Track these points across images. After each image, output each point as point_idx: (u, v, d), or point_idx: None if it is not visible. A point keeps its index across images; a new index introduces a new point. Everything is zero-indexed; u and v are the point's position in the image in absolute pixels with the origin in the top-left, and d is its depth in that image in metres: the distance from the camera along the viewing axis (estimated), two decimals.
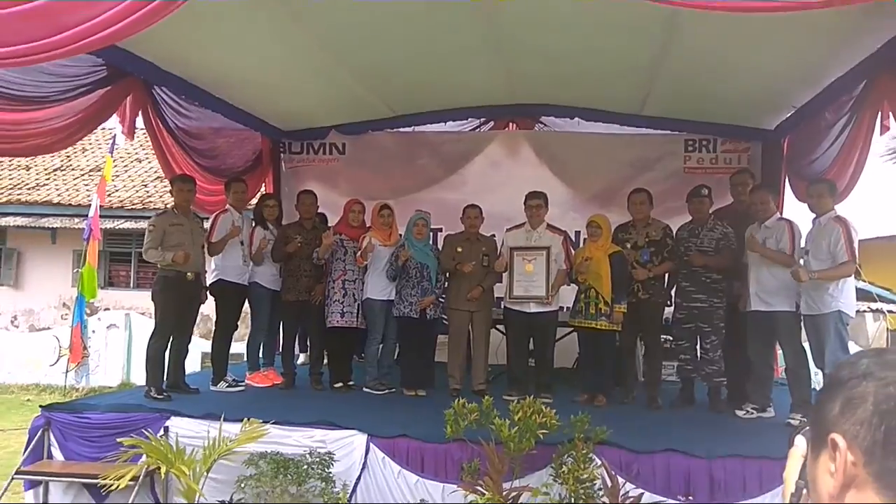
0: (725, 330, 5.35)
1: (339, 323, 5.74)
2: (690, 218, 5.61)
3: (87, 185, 13.57)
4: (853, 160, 5.05)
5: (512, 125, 7.94)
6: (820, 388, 0.85)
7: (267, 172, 7.59)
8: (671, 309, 5.75)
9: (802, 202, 5.49)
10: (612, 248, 5.48)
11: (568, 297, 5.85)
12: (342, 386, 5.79)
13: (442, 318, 5.90)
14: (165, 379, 5.39)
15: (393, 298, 5.72)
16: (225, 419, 4.27)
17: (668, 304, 5.79)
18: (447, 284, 5.85)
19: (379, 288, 5.72)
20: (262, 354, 6.17)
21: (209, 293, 5.79)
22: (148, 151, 14.17)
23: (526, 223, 5.75)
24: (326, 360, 6.05)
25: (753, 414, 5.06)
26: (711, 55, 5.11)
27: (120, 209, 12.66)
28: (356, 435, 4.30)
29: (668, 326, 5.81)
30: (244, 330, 6.43)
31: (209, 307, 5.91)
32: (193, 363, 6.39)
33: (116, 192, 12.98)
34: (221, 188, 6.29)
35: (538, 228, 5.68)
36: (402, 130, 7.73)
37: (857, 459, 0.77)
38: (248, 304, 6.05)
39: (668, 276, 5.68)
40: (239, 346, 6.40)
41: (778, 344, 5.34)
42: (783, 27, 4.07)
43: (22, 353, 11.37)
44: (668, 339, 5.87)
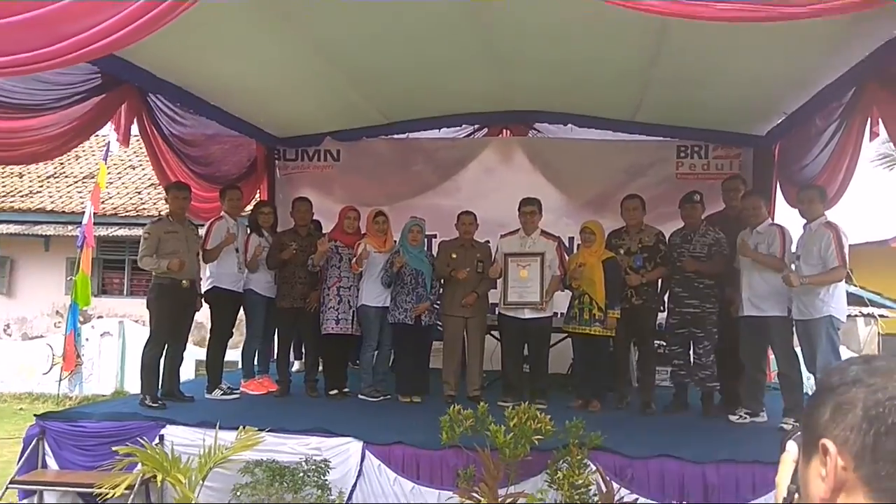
0: (718, 335, 5.39)
1: (334, 330, 5.75)
2: (683, 224, 5.65)
3: (80, 192, 13.53)
4: (843, 166, 5.10)
5: (506, 132, 7.98)
6: (811, 394, 0.87)
7: (262, 179, 7.61)
8: (664, 314, 5.79)
9: (793, 208, 5.54)
10: (605, 253, 5.51)
11: (562, 302, 5.87)
12: (337, 393, 5.80)
13: (437, 324, 5.92)
14: (160, 387, 5.38)
15: (388, 305, 5.73)
16: (220, 427, 4.27)
17: (661, 309, 5.83)
18: (442, 291, 5.87)
19: (374, 294, 5.74)
20: (256, 362, 6.18)
21: (204, 300, 5.79)
22: (142, 158, 14.14)
23: (520, 229, 5.77)
24: (321, 367, 6.05)
25: (746, 419, 5.09)
26: (702, 62, 5.16)
27: (114, 216, 12.63)
28: (352, 442, 4.31)
29: (661, 332, 5.84)
30: (237, 337, 6.43)
31: (202, 315, 5.91)
32: (187, 371, 6.38)
33: (110, 199, 12.94)
34: (216, 195, 6.30)
35: (532, 235, 5.71)
36: (396, 137, 7.75)
37: (847, 464, 0.79)
38: (243, 311, 6.05)
39: (661, 281, 5.72)
40: (233, 353, 6.40)
41: (770, 349, 5.38)
42: (773, 35, 4.11)
43: (15, 361, 11.31)
44: (661, 344, 5.90)
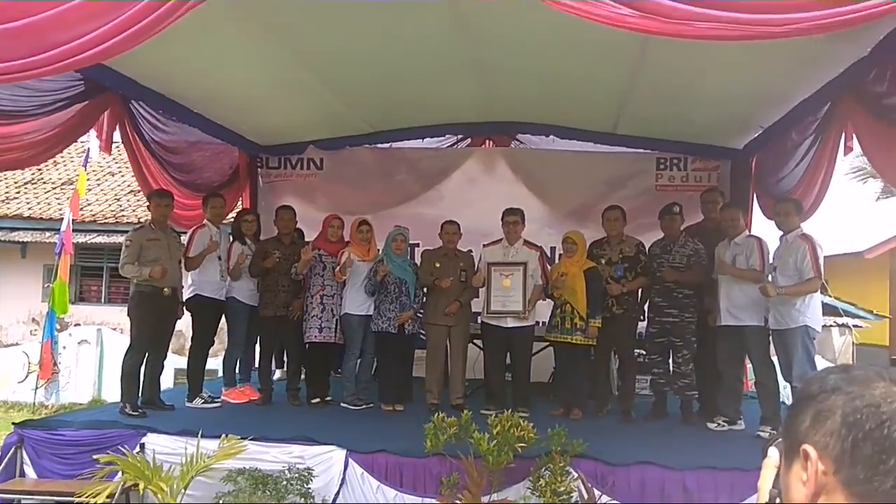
0: (697, 344, 5.47)
1: (317, 338, 5.74)
2: (662, 234, 5.74)
3: (58, 198, 13.37)
4: (819, 179, 5.22)
5: (489, 142, 8.04)
6: (791, 402, 0.91)
7: (244, 187, 7.58)
8: (644, 324, 5.87)
9: (770, 219, 5.66)
10: (587, 263, 5.58)
11: (544, 312, 5.93)
12: (319, 401, 5.79)
13: (420, 333, 5.94)
14: (140, 395, 5.34)
15: (371, 313, 5.74)
16: (202, 435, 4.25)
17: (641, 318, 5.91)
18: (425, 299, 5.89)
19: (357, 303, 5.75)
20: (238, 370, 6.15)
21: (186, 308, 5.76)
22: (121, 165, 14.03)
23: (503, 239, 5.83)
24: (303, 375, 6.04)
25: (724, 426, 5.17)
26: (682, 78, 5.26)
27: (92, 223, 12.49)
28: (335, 450, 4.31)
29: (641, 341, 5.92)
30: (216, 346, 6.39)
31: (181, 323, 5.87)
32: (166, 380, 6.32)
33: (89, 205, 12.80)
34: (198, 203, 6.28)
35: (515, 244, 5.77)
36: (379, 146, 7.78)
37: (826, 468, 0.82)
38: (224, 319, 6.03)
39: (641, 291, 5.80)
40: (212, 362, 6.36)
41: (747, 357, 5.47)
42: (751, 52, 4.21)
43: None
44: (641, 353, 5.97)
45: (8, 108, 4.42)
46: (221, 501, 3.93)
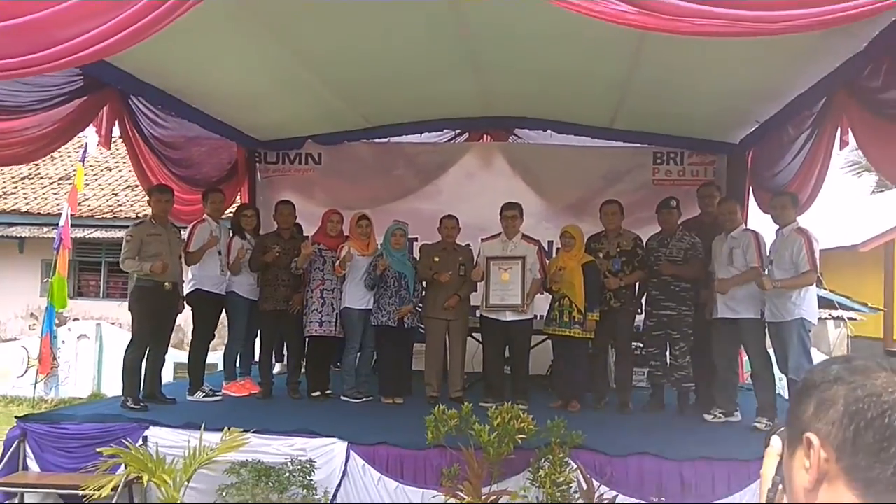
0: (693, 337, 5.53)
1: (317, 332, 5.78)
2: (660, 228, 5.79)
3: (55, 193, 13.37)
4: (815, 173, 5.26)
5: (486, 137, 8.07)
6: (794, 391, 0.94)
7: (242, 182, 7.59)
8: (642, 317, 5.92)
9: (766, 213, 5.69)
10: (584, 257, 5.62)
11: (542, 305, 5.98)
12: (320, 395, 5.83)
13: (419, 326, 5.98)
14: (142, 389, 5.38)
15: (371, 307, 5.78)
16: (204, 428, 4.29)
17: (638, 312, 5.95)
18: (424, 294, 5.93)
19: (357, 297, 5.78)
20: (238, 364, 6.19)
21: (186, 303, 5.80)
22: (118, 160, 14.02)
23: (502, 233, 5.87)
24: (303, 369, 6.08)
25: (721, 418, 5.23)
26: (678, 73, 5.29)
27: (90, 218, 12.50)
28: (336, 443, 4.35)
29: (638, 334, 5.97)
30: (216, 340, 6.41)
31: (180, 317, 5.89)
32: (166, 374, 6.34)
33: (86, 200, 12.80)
34: (197, 198, 6.30)
35: (514, 238, 5.81)
36: (378, 141, 7.80)
37: (829, 456, 0.84)
38: (225, 313, 6.06)
39: (638, 284, 5.84)
40: (212, 356, 6.39)
41: (743, 350, 5.53)
42: (747, 47, 4.24)
43: None
44: (638, 346, 6.02)
45: (7, 103, 4.43)
46: (225, 493, 3.97)
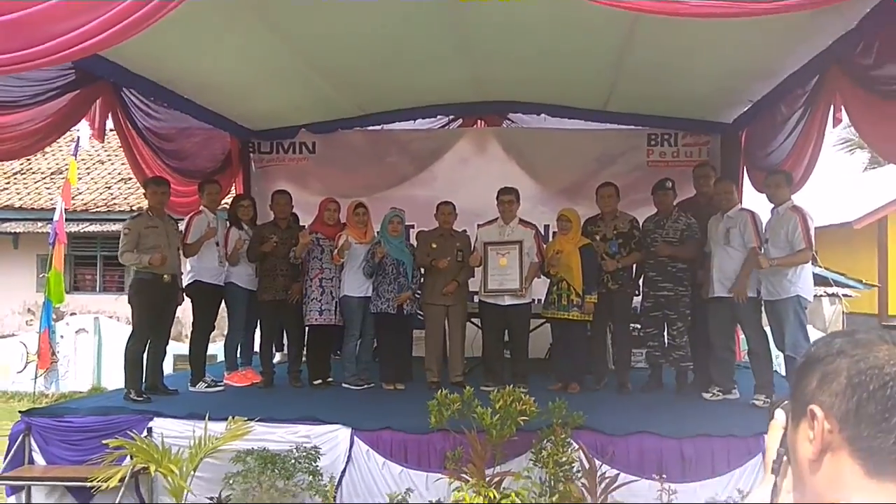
0: (691, 317, 5.57)
1: (317, 321, 5.81)
2: (655, 210, 5.82)
3: (48, 188, 13.32)
4: (808, 151, 5.29)
5: (480, 122, 8.07)
6: (798, 365, 0.96)
7: (237, 173, 7.58)
8: (639, 298, 5.97)
9: (760, 192, 5.74)
10: (581, 240, 5.65)
11: (540, 289, 6.01)
12: (321, 383, 5.87)
13: (418, 313, 6.01)
14: (143, 381, 5.40)
15: (370, 295, 5.80)
16: (209, 418, 4.32)
17: (636, 293, 6.00)
18: (423, 280, 5.96)
19: (356, 285, 5.81)
20: (238, 354, 6.21)
21: (186, 295, 5.81)
22: (111, 153, 13.97)
23: (498, 218, 5.89)
24: (304, 357, 6.11)
25: (719, 396, 5.29)
26: (671, 54, 5.29)
27: (84, 212, 12.46)
28: (340, 429, 4.40)
29: (636, 315, 6.01)
30: (215, 332, 6.42)
31: (179, 309, 5.91)
32: (166, 366, 6.35)
33: (80, 194, 12.76)
34: (193, 189, 6.30)
35: (511, 223, 5.83)
36: (371, 129, 7.78)
37: (832, 427, 0.87)
38: (224, 304, 6.08)
39: (635, 266, 5.88)
40: (212, 347, 6.40)
41: (740, 328, 5.58)
42: (739, 27, 4.25)
43: None
44: (636, 327, 6.07)
45: (1, 98, 4.42)
46: (231, 481, 4.01)
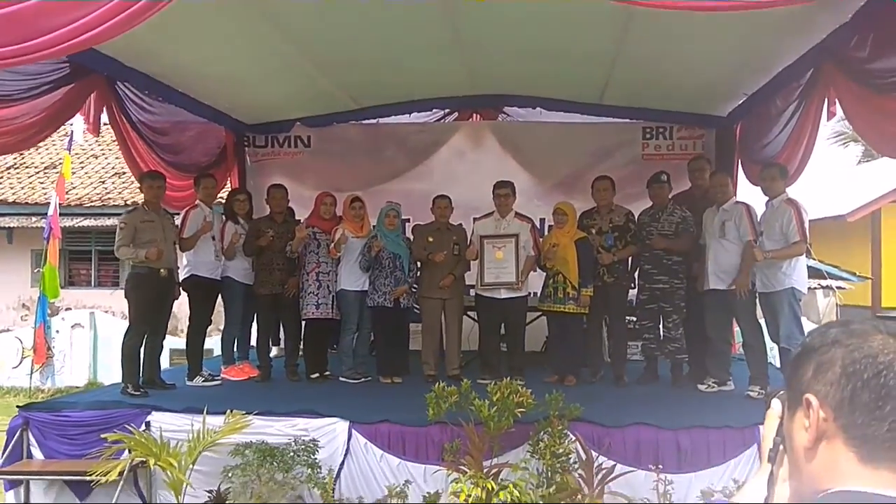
0: (686, 309, 5.60)
1: (314, 315, 5.82)
2: (651, 203, 5.84)
3: (42, 182, 13.27)
4: (803, 144, 5.32)
5: (476, 116, 8.08)
6: (794, 355, 0.98)
7: (232, 167, 7.56)
8: (635, 291, 6.00)
9: (755, 185, 5.76)
10: (577, 234, 5.68)
11: (536, 282, 6.04)
12: (318, 376, 5.88)
13: (414, 307, 6.03)
14: (141, 375, 5.41)
15: (367, 289, 5.82)
16: (207, 412, 4.34)
17: (631, 286, 6.03)
18: (419, 274, 5.98)
19: (353, 279, 5.82)
20: (235, 348, 6.22)
21: (182, 289, 5.81)
22: (104, 147, 13.91)
23: (495, 212, 5.91)
24: (301, 351, 6.13)
25: (714, 387, 5.32)
26: (666, 47, 5.31)
27: (78, 207, 12.42)
28: (338, 422, 4.42)
29: (632, 307, 6.05)
30: (210, 326, 6.43)
31: (175, 304, 5.91)
32: (162, 360, 6.34)
33: (74, 189, 12.70)
34: (188, 184, 6.30)
35: (507, 217, 5.85)
36: (367, 122, 7.77)
37: (827, 415, 0.89)
38: (221, 298, 6.08)
39: (631, 259, 5.91)
40: (208, 341, 6.41)
41: (735, 320, 5.62)
42: (734, 20, 4.27)
43: None
44: (632, 319, 6.11)
45: None
46: (230, 474, 4.03)
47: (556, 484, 3.90)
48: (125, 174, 12.20)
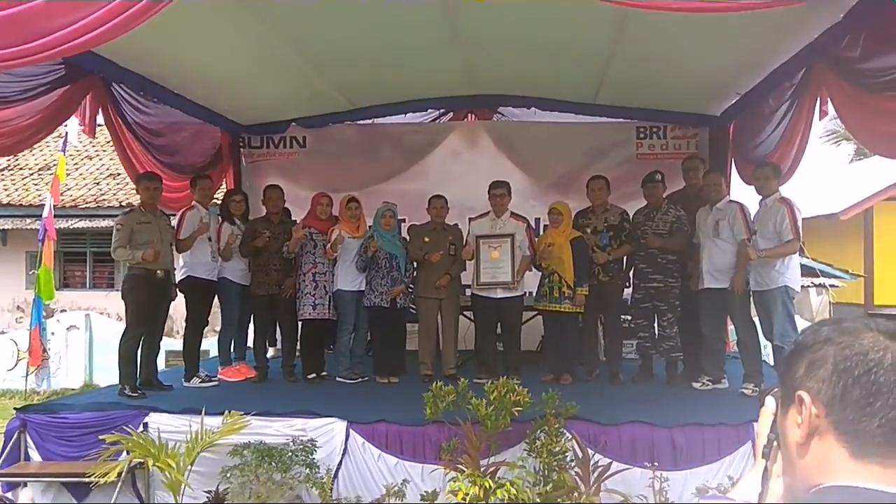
0: (681, 308, 5.64)
1: (311, 315, 5.83)
2: (645, 202, 5.87)
3: (36, 184, 13.22)
4: (795, 143, 5.36)
5: (471, 116, 8.09)
6: (787, 353, 1.00)
7: (227, 168, 7.57)
8: (630, 290, 6.03)
9: (749, 184, 5.80)
10: (573, 233, 5.70)
11: (532, 282, 6.06)
12: (316, 377, 5.89)
13: (411, 307, 6.05)
14: (138, 377, 5.41)
15: (363, 289, 5.83)
16: (205, 413, 4.35)
17: (626, 285, 6.06)
18: (416, 274, 6.00)
19: (349, 279, 5.83)
20: (232, 349, 6.23)
21: (179, 290, 5.82)
22: (99, 149, 13.87)
23: (490, 212, 5.94)
24: (298, 352, 6.14)
25: (709, 385, 5.36)
26: (660, 47, 5.34)
27: (73, 208, 12.39)
28: (336, 422, 4.43)
29: (627, 306, 6.07)
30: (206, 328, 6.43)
31: (171, 306, 5.92)
32: (158, 362, 6.35)
33: (68, 190, 12.67)
34: (184, 185, 6.30)
35: (502, 217, 5.88)
36: (362, 122, 7.79)
37: (819, 412, 0.90)
38: (217, 299, 6.09)
39: (626, 258, 5.94)
40: (204, 342, 6.41)
41: (729, 319, 5.66)
42: (727, 20, 4.30)
43: None
44: (627, 318, 6.13)
45: None
46: (229, 475, 4.04)
47: (552, 482, 3.93)
48: (120, 175, 12.18)
